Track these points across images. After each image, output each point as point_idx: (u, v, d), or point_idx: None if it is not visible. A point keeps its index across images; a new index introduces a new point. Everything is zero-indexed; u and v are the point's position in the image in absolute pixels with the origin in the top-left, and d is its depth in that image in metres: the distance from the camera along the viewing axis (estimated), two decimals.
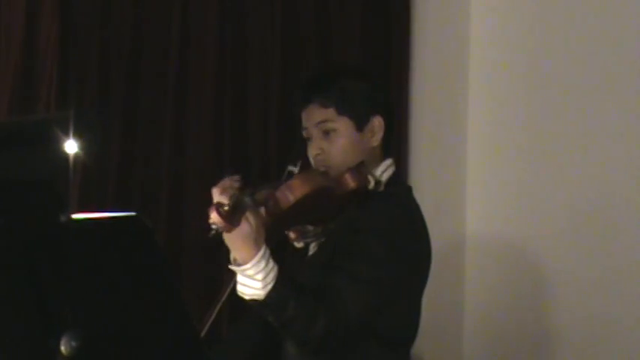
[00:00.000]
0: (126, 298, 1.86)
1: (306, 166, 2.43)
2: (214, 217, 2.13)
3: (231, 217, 2.14)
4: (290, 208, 2.24)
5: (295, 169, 2.39)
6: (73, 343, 1.80)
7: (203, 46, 3.74)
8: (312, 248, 2.48)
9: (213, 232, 2.15)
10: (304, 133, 2.48)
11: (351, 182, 2.33)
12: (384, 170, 2.46)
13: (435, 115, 4.20)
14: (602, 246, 3.76)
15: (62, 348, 1.80)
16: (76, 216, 1.85)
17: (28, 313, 1.84)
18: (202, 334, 2.37)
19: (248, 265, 2.18)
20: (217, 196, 2.16)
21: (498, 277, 4.07)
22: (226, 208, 2.13)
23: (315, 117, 2.43)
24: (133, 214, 1.86)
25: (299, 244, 2.47)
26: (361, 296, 2.26)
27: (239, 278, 2.21)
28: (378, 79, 2.60)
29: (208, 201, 3.66)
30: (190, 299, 3.32)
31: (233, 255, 2.22)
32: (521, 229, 4.01)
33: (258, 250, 2.19)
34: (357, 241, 2.30)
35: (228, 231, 2.16)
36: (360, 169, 2.37)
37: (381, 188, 2.38)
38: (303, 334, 2.23)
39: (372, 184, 2.36)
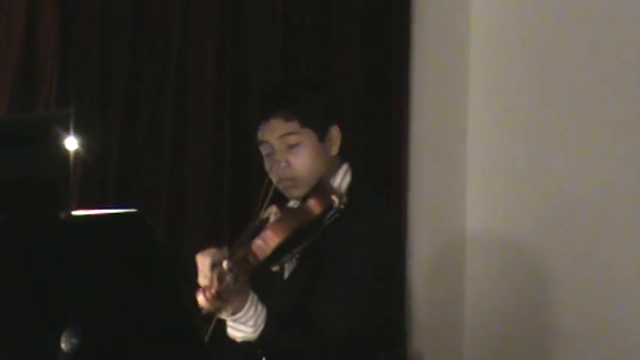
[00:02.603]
0: (126, 294, 1.87)
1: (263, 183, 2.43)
2: (202, 301, 2.14)
3: (219, 298, 2.14)
4: (269, 256, 2.27)
5: (266, 216, 2.38)
6: (74, 340, 1.81)
7: (203, 45, 3.74)
8: (288, 267, 2.49)
9: (203, 313, 2.16)
10: (263, 149, 2.49)
11: (316, 208, 2.34)
12: (342, 177, 2.50)
13: (436, 115, 4.20)
14: (604, 245, 3.76)
15: (63, 345, 1.81)
16: (76, 213, 1.85)
17: (28, 310, 1.85)
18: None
19: (239, 315, 2.21)
20: (201, 279, 2.16)
21: (499, 276, 4.07)
22: (212, 291, 2.13)
23: (278, 130, 2.44)
24: (133, 210, 1.86)
25: (275, 268, 2.47)
26: (345, 316, 2.30)
27: (230, 323, 2.24)
28: (334, 89, 2.67)
29: (208, 200, 3.66)
30: (191, 299, 3.32)
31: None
32: (522, 227, 4.01)
33: (247, 299, 2.21)
34: (334, 263, 2.32)
35: (219, 311, 2.17)
36: (321, 189, 2.39)
37: (345, 200, 2.37)
38: None
39: (337, 203, 2.36)
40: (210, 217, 3.66)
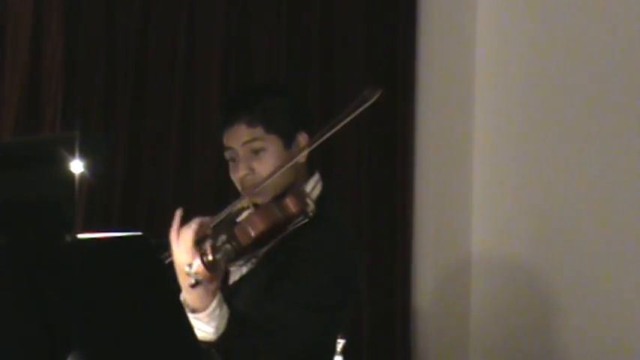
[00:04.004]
0: (130, 317, 1.86)
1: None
2: (198, 267, 2.12)
3: (213, 267, 2.14)
4: (248, 245, 2.25)
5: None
6: None
7: (210, 64, 3.74)
8: (238, 269, 2.44)
9: (192, 282, 2.13)
10: (227, 155, 2.44)
11: (292, 208, 2.31)
12: (313, 187, 2.45)
13: (441, 135, 4.20)
14: (608, 264, 3.75)
15: None
16: (81, 236, 1.85)
17: (33, 333, 1.84)
18: None
19: (202, 315, 2.19)
20: (195, 243, 2.15)
21: (504, 296, 4.06)
22: (210, 258, 2.13)
23: (242, 137, 2.39)
24: (138, 233, 1.86)
25: (232, 267, 2.44)
26: (301, 323, 2.27)
27: (191, 320, 2.18)
28: (298, 94, 2.61)
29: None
30: None
31: (186, 299, 2.20)
32: (527, 247, 4.00)
33: (213, 298, 2.19)
34: (296, 270, 2.30)
35: (210, 280, 2.15)
36: (297, 192, 2.36)
37: (314, 209, 2.34)
38: None
39: (310, 207, 2.33)
40: None
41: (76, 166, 1.88)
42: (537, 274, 3.98)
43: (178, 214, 2.25)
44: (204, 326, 2.20)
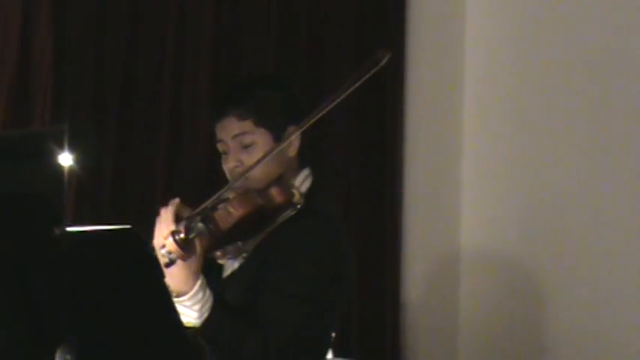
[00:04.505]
0: (120, 311, 1.86)
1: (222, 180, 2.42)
2: (170, 245, 2.13)
3: (187, 245, 2.14)
4: (229, 229, 2.25)
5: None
6: (68, 356, 1.80)
7: (198, 57, 3.74)
8: (231, 264, 2.45)
9: (167, 260, 2.14)
10: (219, 147, 2.45)
11: (277, 197, 2.32)
12: (302, 180, 2.45)
13: (430, 129, 4.20)
14: (598, 259, 3.76)
15: None
16: (70, 229, 1.85)
17: (21, 327, 1.84)
18: None
19: (185, 297, 2.20)
20: (170, 223, 2.16)
21: (493, 289, 4.07)
22: (182, 235, 2.13)
23: (232, 130, 2.40)
24: (127, 227, 1.86)
25: (222, 261, 2.45)
26: (291, 316, 2.28)
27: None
28: (292, 87, 2.57)
29: None
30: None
31: (169, 283, 2.21)
32: (516, 242, 4.01)
33: (196, 281, 2.20)
34: (285, 261, 2.30)
35: (184, 259, 2.16)
36: (283, 182, 2.36)
37: (302, 201, 2.34)
38: (234, 356, 2.25)
39: (296, 197, 2.33)
40: None
41: (65, 160, 1.88)
42: (526, 268, 3.99)
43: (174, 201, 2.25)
44: (188, 311, 2.21)
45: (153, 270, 1.89)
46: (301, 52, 3.91)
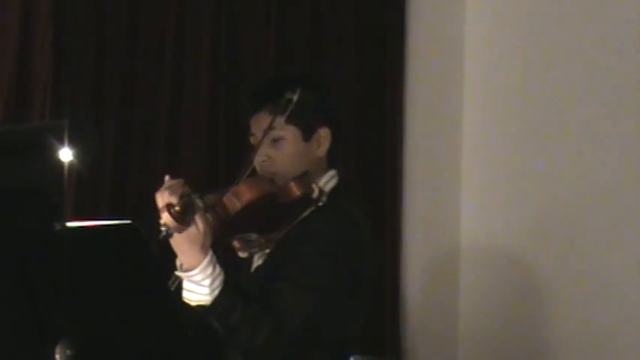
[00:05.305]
0: (120, 305, 1.87)
1: (252, 173, 2.44)
2: (165, 217, 2.15)
3: (183, 218, 2.15)
4: (237, 213, 2.27)
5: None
6: (68, 351, 1.81)
7: (198, 53, 3.74)
8: (257, 260, 2.48)
9: (163, 233, 2.16)
10: (251, 139, 2.50)
11: (295, 190, 2.35)
12: (327, 180, 2.49)
13: (430, 124, 4.20)
14: (598, 254, 3.76)
15: (57, 356, 1.81)
16: (70, 224, 1.85)
17: (23, 321, 1.85)
18: None
19: (195, 271, 2.21)
20: (166, 197, 2.18)
21: (493, 286, 4.07)
22: (177, 208, 2.14)
23: (263, 124, 2.44)
24: (127, 221, 1.87)
25: (243, 255, 2.47)
26: (304, 304, 2.29)
27: (185, 285, 2.23)
28: (327, 88, 2.63)
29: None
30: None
31: (180, 260, 2.24)
32: (516, 237, 4.01)
33: (205, 255, 2.21)
34: (301, 252, 2.33)
35: (179, 232, 2.17)
36: (305, 178, 2.40)
37: (324, 198, 2.39)
38: (247, 341, 2.26)
39: (316, 193, 2.37)
40: None
41: (65, 155, 1.88)
42: (526, 264, 3.99)
43: (167, 178, 2.27)
44: (198, 287, 2.22)
45: (153, 264, 1.89)
46: (301, 51, 3.91)
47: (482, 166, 4.16)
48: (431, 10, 4.22)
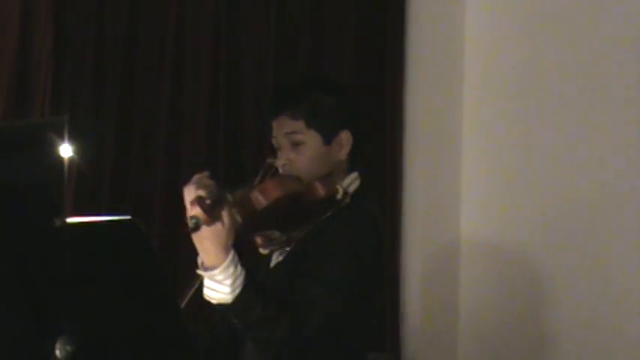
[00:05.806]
0: (120, 301, 1.86)
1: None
2: (196, 210, 2.14)
3: (213, 211, 2.15)
4: (262, 210, 2.28)
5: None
6: (68, 348, 1.81)
7: (198, 53, 3.75)
8: (276, 257, 2.49)
9: (192, 225, 2.14)
10: (274, 142, 2.51)
11: (320, 190, 2.37)
12: (349, 183, 2.50)
13: (430, 120, 4.20)
14: (599, 249, 3.77)
15: (57, 352, 1.80)
16: (70, 220, 1.85)
17: (22, 318, 1.84)
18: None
19: (217, 271, 2.19)
20: (197, 189, 2.18)
21: (494, 281, 4.07)
22: (208, 201, 2.14)
23: (284, 127, 2.47)
24: (127, 217, 1.86)
25: (265, 251, 2.48)
26: (326, 302, 2.29)
27: (206, 282, 2.22)
28: (350, 93, 2.62)
29: None
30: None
31: (201, 259, 2.23)
32: (516, 232, 4.01)
33: (228, 254, 2.20)
34: (324, 251, 2.34)
35: (209, 225, 2.16)
36: (329, 179, 2.42)
37: (348, 199, 2.41)
38: (266, 337, 2.26)
39: (340, 194, 2.39)
40: None
41: (65, 151, 1.88)
42: (526, 261, 4.00)
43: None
44: (220, 286, 2.21)
45: (153, 261, 1.89)
46: (301, 51, 3.92)
47: (482, 163, 4.16)
48: (431, 10, 4.22)
